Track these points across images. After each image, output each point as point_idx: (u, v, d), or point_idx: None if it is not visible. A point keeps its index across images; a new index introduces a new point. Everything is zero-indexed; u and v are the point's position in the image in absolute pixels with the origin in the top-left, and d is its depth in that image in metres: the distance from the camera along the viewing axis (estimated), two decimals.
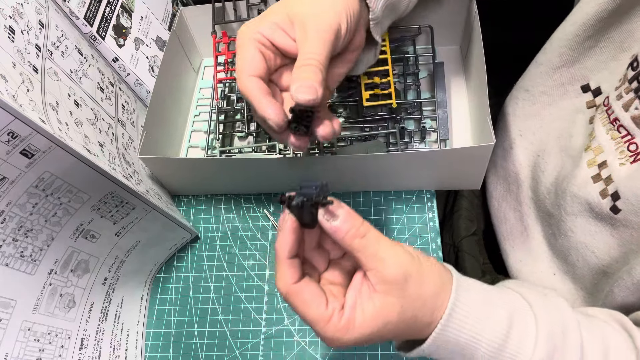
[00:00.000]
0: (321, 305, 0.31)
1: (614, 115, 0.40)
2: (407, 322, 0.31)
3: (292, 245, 0.32)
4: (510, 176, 0.57)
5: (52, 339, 0.42)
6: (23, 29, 0.41)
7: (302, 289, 0.32)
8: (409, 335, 0.33)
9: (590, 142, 0.43)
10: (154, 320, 0.56)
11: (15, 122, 0.33)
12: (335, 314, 0.31)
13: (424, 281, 0.31)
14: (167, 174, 0.59)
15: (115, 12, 0.57)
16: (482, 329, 0.31)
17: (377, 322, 0.31)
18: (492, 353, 0.31)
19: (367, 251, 0.31)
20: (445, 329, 0.31)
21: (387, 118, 0.59)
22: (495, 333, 0.31)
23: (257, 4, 0.64)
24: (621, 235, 0.41)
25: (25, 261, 0.39)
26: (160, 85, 0.59)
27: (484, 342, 0.31)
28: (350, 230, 0.31)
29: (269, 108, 0.36)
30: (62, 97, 0.45)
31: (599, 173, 0.42)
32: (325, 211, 0.31)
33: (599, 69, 0.44)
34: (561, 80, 0.48)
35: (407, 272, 0.31)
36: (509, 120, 0.56)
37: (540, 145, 0.52)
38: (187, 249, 0.60)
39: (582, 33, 0.44)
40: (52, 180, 0.39)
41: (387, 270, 0.31)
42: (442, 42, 0.65)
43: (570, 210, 0.46)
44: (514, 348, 0.31)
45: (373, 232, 0.32)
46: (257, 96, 0.36)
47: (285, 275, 0.32)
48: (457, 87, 0.63)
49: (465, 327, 0.31)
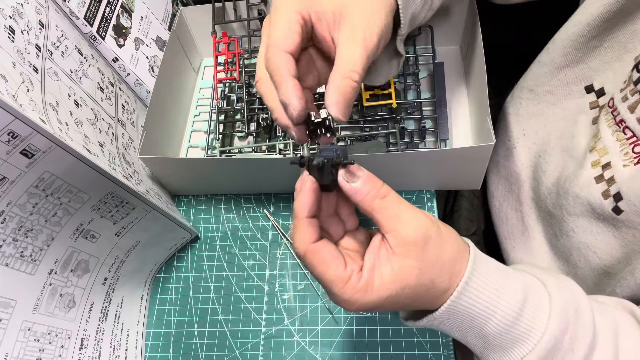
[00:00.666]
0: (340, 266, 0.31)
1: (619, 116, 0.40)
2: (424, 287, 0.31)
3: (311, 204, 0.32)
4: (512, 176, 0.57)
5: (52, 339, 0.42)
6: (23, 29, 0.41)
7: (320, 248, 0.31)
8: (424, 302, 0.32)
9: (596, 143, 0.43)
10: (154, 320, 0.56)
11: (16, 122, 0.33)
12: (353, 275, 0.30)
13: (443, 245, 0.31)
14: (167, 174, 0.59)
15: (115, 12, 0.57)
16: (497, 301, 0.31)
17: (395, 285, 0.30)
18: (504, 326, 0.31)
19: (387, 212, 0.31)
20: (461, 297, 0.31)
21: (387, 118, 0.59)
22: (510, 306, 0.31)
23: (257, 4, 0.64)
24: (623, 236, 0.41)
25: (25, 261, 0.39)
26: (160, 85, 0.59)
27: (497, 315, 0.31)
28: (371, 191, 0.31)
29: (295, 96, 0.32)
30: (62, 97, 0.45)
31: (602, 174, 0.42)
32: (345, 172, 0.31)
33: (603, 70, 0.44)
34: (566, 79, 0.48)
35: (426, 235, 0.30)
36: (511, 120, 0.56)
37: (542, 146, 0.52)
38: (187, 249, 0.60)
39: (586, 33, 0.44)
40: (52, 180, 0.39)
41: (406, 231, 0.30)
42: (442, 42, 0.65)
43: (572, 211, 0.46)
44: (527, 323, 0.31)
45: (393, 194, 0.31)
46: (285, 77, 0.32)
47: (304, 234, 0.31)
48: (457, 87, 0.63)
49: (481, 297, 0.31)
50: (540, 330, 0.31)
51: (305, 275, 0.56)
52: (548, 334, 0.31)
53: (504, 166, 0.58)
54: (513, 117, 0.56)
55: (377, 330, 0.52)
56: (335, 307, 0.54)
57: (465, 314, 0.31)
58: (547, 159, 0.51)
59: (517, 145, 0.55)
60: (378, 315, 0.53)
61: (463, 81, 0.63)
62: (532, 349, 0.31)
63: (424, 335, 0.51)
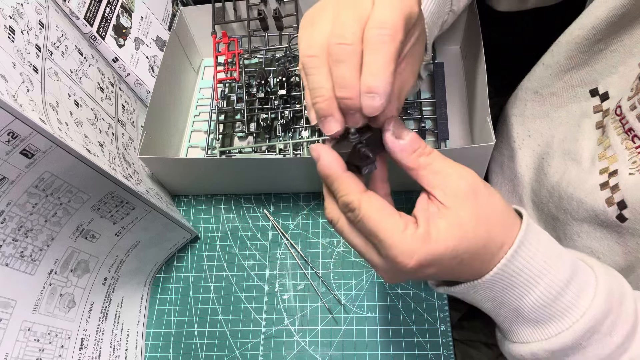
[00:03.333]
0: (396, 214, 0.29)
1: (628, 125, 0.40)
2: (482, 240, 0.29)
3: (339, 160, 0.31)
4: (516, 177, 0.57)
5: (52, 339, 0.42)
6: (23, 29, 0.41)
7: (374, 197, 0.30)
8: (481, 259, 0.30)
9: (605, 150, 0.43)
10: (154, 320, 0.56)
11: (16, 122, 0.33)
12: (410, 225, 0.29)
13: (492, 198, 0.31)
14: (167, 174, 0.59)
15: (115, 12, 0.57)
16: (546, 270, 0.30)
17: (454, 237, 0.29)
18: (546, 299, 0.30)
19: (435, 167, 0.30)
20: (515, 257, 0.30)
21: None
22: (556, 280, 0.30)
23: (257, 4, 0.64)
24: (627, 243, 0.41)
25: (25, 261, 0.39)
26: (160, 85, 0.59)
27: (542, 285, 0.30)
28: (417, 149, 0.31)
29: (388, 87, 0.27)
30: (62, 97, 0.45)
31: (607, 181, 0.42)
32: (394, 130, 0.31)
33: (608, 73, 0.44)
34: (571, 82, 0.48)
35: (475, 187, 0.30)
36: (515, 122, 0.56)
37: (545, 148, 0.52)
38: (187, 249, 0.60)
39: (592, 37, 0.43)
40: (52, 180, 0.39)
41: (456, 184, 0.30)
42: (442, 42, 0.65)
43: (576, 216, 0.46)
44: (570, 299, 0.30)
45: (437, 152, 0.31)
46: (390, 70, 0.28)
47: (351, 186, 0.30)
48: (457, 87, 0.63)
49: (532, 263, 0.30)
50: (582, 309, 0.30)
51: (306, 275, 0.56)
52: (589, 314, 0.30)
53: (509, 167, 0.58)
54: (518, 118, 0.56)
55: (377, 330, 0.52)
56: (335, 307, 0.54)
57: (513, 279, 0.30)
58: (549, 161, 0.51)
59: (523, 147, 0.55)
60: (378, 315, 0.53)
61: (463, 81, 0.63)
62: (570, 326, 0.30)
63: (424, 335, 0.51)
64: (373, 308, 0.53)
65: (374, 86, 0.27)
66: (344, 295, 0.55)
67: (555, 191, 0.49)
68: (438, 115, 0.59)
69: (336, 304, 0.54)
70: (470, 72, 0.60)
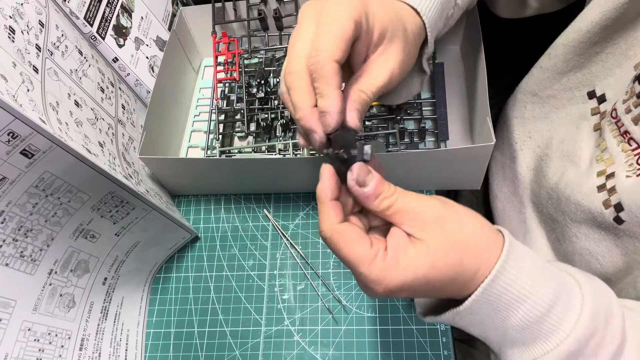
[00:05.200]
0: (366, 245, 0.31)
1: (624, 127, 0.40)
2: (453, 267, 0.30)
3: (333, 187, 0.32)
4: (517, 178, 0.57)
5: (52, 339, 0.42)
6: (23, 29, 0.41)
7: (346, 228, 0.32)
8: (456, 285, 0.31)
9: (603, 152, 0.43)
10: (154, 320, 0.56)
11: (16, 122, 0.33)
12: (379, 253, 0.31)
13: (461, 224, 0.31)
14: (167, 174, 0.59)
15: (115, 12, 0.57)
16: (530, 292, 0.30)
17: (423, 266, 0.30)
18: (530, 320, 0.30)
19: (399, 206, 0.32)
20: (495, 282, 0.30)
21: (387, 118, 0.59)
22: (540, 301, 0.30)
23: (257, 4, 0.64)
24: (625, 245, 0.41)
25: (25, 261, 0.39)
26: (160, 85, 0.59)
27: (526, 307, 0.30)
28: (382, 193, 0.32)
29: (338, 109, 0.32)
30: (62, 97, 0.45)
31: (604, 183, 0.42)
32: (357, 174, 0.32)
33: (604, 76, 0.44)
34: (569, 84, 0.48)
35: (441, 214, 0.31)
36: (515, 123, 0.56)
37: (545, 149, 0.52)
38: (187, 249, 0.60)
39: (587, 40, 0.43)
40: (52, 180, 0.39)
41: (422, 216, 0.31)
42: (442, 42, 0.65)
43: (574, 217, 0.46)
44: (554, 321, 0.30)
45: (399, 190, 0.32)
46: (332, 87, 0.32)
47: (330, 216, 0.32)
48: (457, 87, 0.63)
49: (514, 285, 0.30)
50: (567, 330, 0.30)
51: (306, 275, 0.56)
52: (573, 336, 0.30)
53: (510, 168, 0.58)
54: (518, 120, 0.56)
55: (377, 330, 0.52)
56: (336, 307, 0.54)
57: (494, 303, 0.31)
58: (548, 163, 0.51)
59: (524, 148, 0.55)
60: (378, 315, 0.53)
61: (463, 81, 0.63)
62: (554, 347, 0.30)
63: (424, 335, 0.51)
64: (373, 308, 0.53)
65: (321, 106, 0.33)
66: (344, 295, 0.55)
67: (554, 193, 0.49)
68: (438, 115, 0.59)
69: (336, 304, 0.54)
70: (470, 72, 0.60)
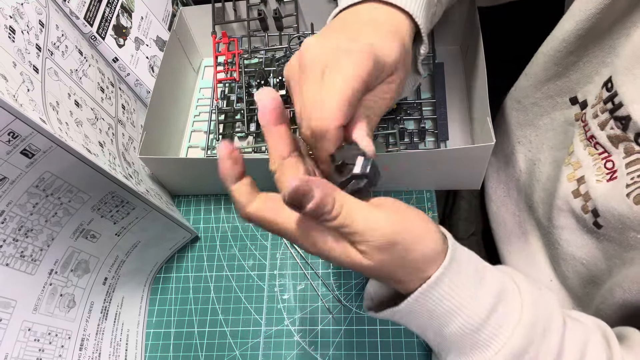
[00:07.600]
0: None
1: (590, 132, 0.40)
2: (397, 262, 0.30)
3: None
4: (510, 181, 0.57)
5: (52, 339, 0.42)
6: (23, 29, 0.41)
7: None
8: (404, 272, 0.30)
9: (570, 156, 0.43)
10: (154, 320, 0.56)
11: (16, 122, 0.33)
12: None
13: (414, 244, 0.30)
14: (167, 174, 0.59)
15: (115, 12, 0.57)
16: (466, 303, 0.30)
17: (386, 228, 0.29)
18: (466, 329, 0.30)
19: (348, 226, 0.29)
20: (433, 289, 0.30)
21: (386, 118, 0.59)
22: (477, 311, 0.30)
23: (257, 4, 0.64)
24: (605, 248, 0.41)
25: (25, 261, 0.39)
26: (160, 85, 0.59)
27: (462, 317, 0.30)
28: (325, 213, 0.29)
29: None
30: (63, 97, 0.45)
31: (578, 188, 0.42)
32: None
33: (584, 83, 0.44)
34: (549, 92, 0.48)
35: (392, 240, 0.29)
36: (508, 126, 0.56)
37: (537, 154, 0.52)
38: (187, 249, 0.60)
39: (563, 49, 0.43)
40: (52, 180, 0.39)
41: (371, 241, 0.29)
42: (442, 42, 0.65)
43: (557, 224, 0.46)
44: (490, 333, 0.30)
45: (347, 206, 0.29)
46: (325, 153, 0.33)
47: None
48: (457, 87, 0.63)
49: (452, 294, 0.30)
50: (500, 342, 0.30)
51: (306, 275, 0.56)
52: (506, 349, 0.30)
53: (504, 171, 0.58)
54: (507, 125, 0.56)
55: (377, 330, 0.52)
56: (336, 307, 0.54)
57: (432, 309, 0.31)
58: (541, 168, 0.51)
59: (515, 152, 0.56)
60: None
61: (463, 81, 0.63)
62: (491, 357, 0.30)
63: None
64: None
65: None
66: (344, 295, 0.55)
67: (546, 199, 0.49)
68: (438, 115, 0.59)
69: (336, 304, 0.54)
70: (470, 72, 0.61)
